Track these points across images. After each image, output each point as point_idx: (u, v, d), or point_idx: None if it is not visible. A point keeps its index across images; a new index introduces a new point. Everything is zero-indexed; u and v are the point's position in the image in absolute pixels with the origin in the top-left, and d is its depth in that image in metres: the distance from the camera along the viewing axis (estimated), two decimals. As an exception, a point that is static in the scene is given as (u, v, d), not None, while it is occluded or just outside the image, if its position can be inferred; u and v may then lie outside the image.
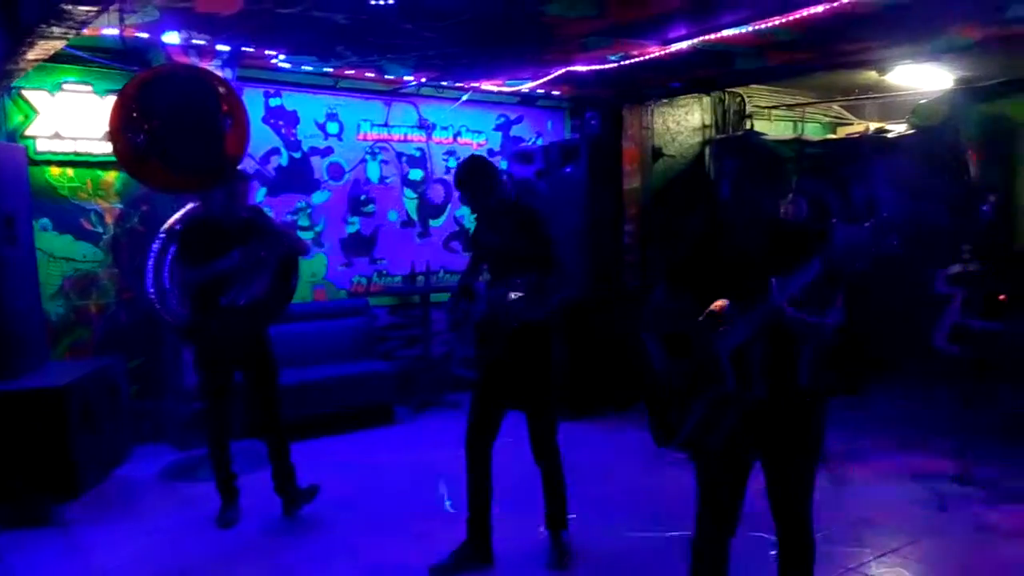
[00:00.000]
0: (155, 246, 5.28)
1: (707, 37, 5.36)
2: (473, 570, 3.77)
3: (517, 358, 3.71)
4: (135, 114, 3.64)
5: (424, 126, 7.56)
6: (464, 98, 7.44)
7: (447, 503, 4.72)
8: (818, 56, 6.10)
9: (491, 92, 7.54)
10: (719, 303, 2.48)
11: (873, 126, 8.69)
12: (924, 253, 5.82)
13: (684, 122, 8.15)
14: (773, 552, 2.72)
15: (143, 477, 5.32)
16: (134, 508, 4.77)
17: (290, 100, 6.79)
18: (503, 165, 7.79)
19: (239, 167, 4.37)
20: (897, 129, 7.69)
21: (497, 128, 8.04)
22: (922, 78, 6.97)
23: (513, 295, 3.54)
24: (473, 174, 3.83)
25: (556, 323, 3.81)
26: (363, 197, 7.26)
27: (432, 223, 7.58)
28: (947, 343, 5.46)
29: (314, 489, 4.59)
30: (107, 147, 5.78)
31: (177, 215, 5.29)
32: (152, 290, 5.20)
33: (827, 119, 9.58)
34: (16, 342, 4.71)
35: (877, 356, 6.76)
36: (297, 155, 6.87)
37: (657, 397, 2.72)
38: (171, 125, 3.67)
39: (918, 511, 4.46)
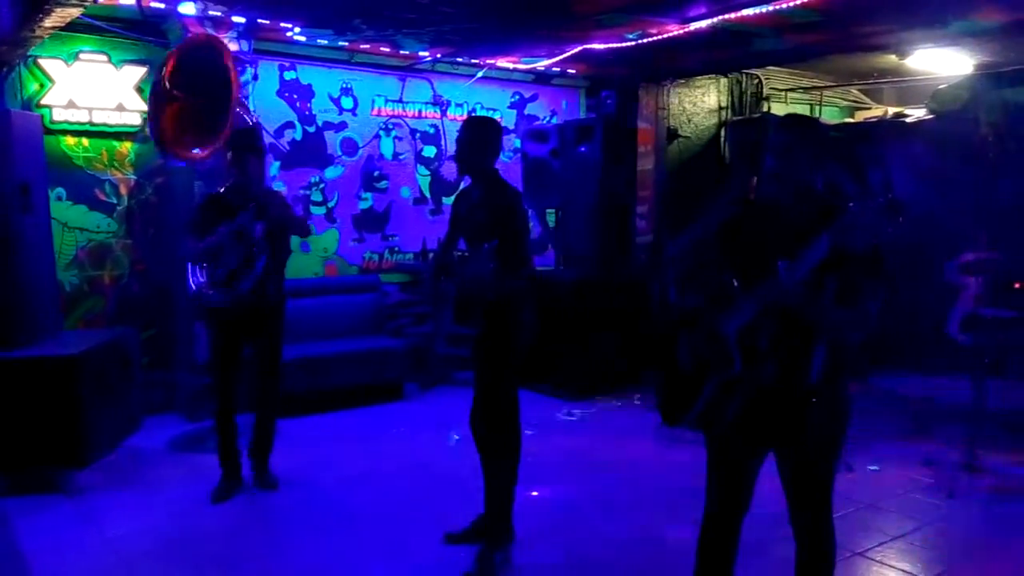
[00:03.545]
0: None
1: (726, 16, 5.30)
2: (490, 542, 3.72)
3: (485, 331, 3.64)
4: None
5: (438, 102, 7.52)
6: (479, 75, 7.40)
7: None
8: (838, 38, 6.03)
9: (506, 69, 7.49)
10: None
11: (892, 111, 8.61)
12: (940, 240, 5.80)
13: (700, 103, 8.09)
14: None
15: (153, 447, 5.36)
16: (144, 477, 4.82)
17: (305, 74, 6.76)
18: (516, 143, 7.76)
19: (259, 142, 4.38)
20: (916, 114, 7.62)
21: (512, 106, 8.00)
22: (942, 63, 6.88)
23: (483, 267, 3.42)
24: (476, 125, 3.73)
25: (527, 301, 3.65)
26: (376, 173, 7.25)
27: (445, 200, 7.57)
28: (960, 331, 5.44)
29: (275, 483, 4.62)
30: (122, 118, 5.83)
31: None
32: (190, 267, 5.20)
33: (845, 103, 9.49)
34: (30, 310, 4.73)
35: (888, 343, 6.73)
36: (311, 129, 6.85)
37: (669, 375, 2.68)
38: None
39: (926, 498, 4.46)
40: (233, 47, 5.31)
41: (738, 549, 2.69)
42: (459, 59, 7.08)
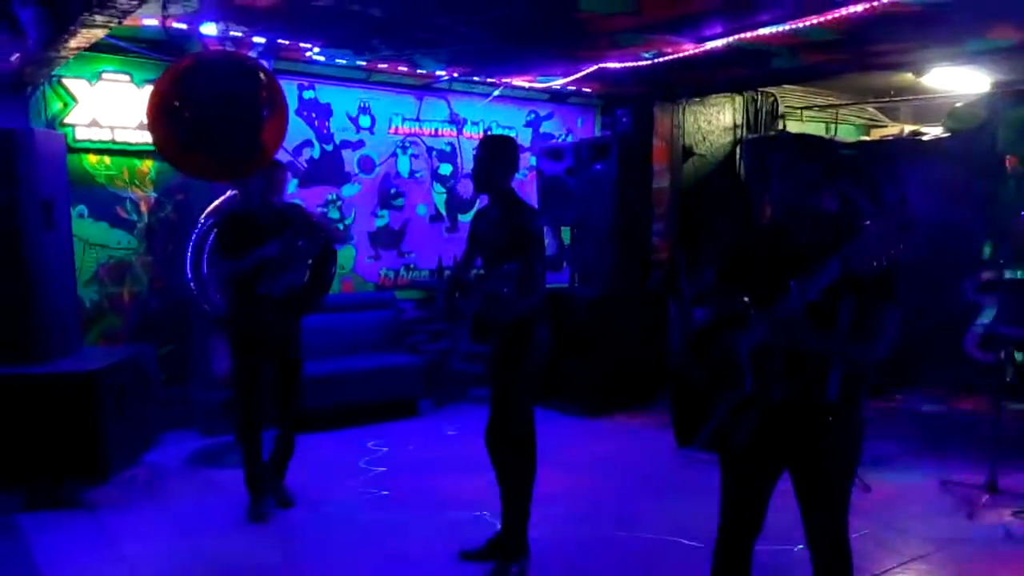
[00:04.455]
0: (195, 234, 5.34)
1: (743, 35, 5.31)
2: (505, 559, 3.74)
3: (501, 348, 3.67)
4: (176, 102, 3.65)
5: (455, 121, 7.57)
6: (495, 93, 7.45)
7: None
8: (854, 57, 6.03)
9: (522, 88, 7.53)
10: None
11: (908, 129, 8.59)
12: (957, 258, 5.78)
13: (715, 121, 8.10)
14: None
15: (171, 463, 5.40)
16: (161, 493, 4.85)
17: (323, 93, 6.83)
18: (532, 161, 7.79)
19: (275, 156, 4.37)
20: (933, 132, 7.60)
21: (527, 124, 8.04)
22: (959, 81, 6.87)
23: (501, 288, 3.46)
24: (493, 143, 3.77)
25: (542, 319, 3.68)
26: (393, 191, 7.29)
27: (461, 218, 7.61)
28: (978, 350, 5.40)
29: (292, 500, 4.62)
30: (144, 136, 5.89)
31: (217, 202, 5.34)
32: (191, 278, 5.27)
33: (860, 121, 9.48)
34: (51, 326, 4.78)
35: (907, 361, 6.69)
36: (329, 147, 6.91)
37: (682, 396, 2.69)
38: (212, 112, 3.67)
39: (946, 519, 4.41)
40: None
41: (752, 568, 2.68)
42: (476, 78, 7.12)
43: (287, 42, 5.75)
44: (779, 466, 2.58)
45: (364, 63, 6.53)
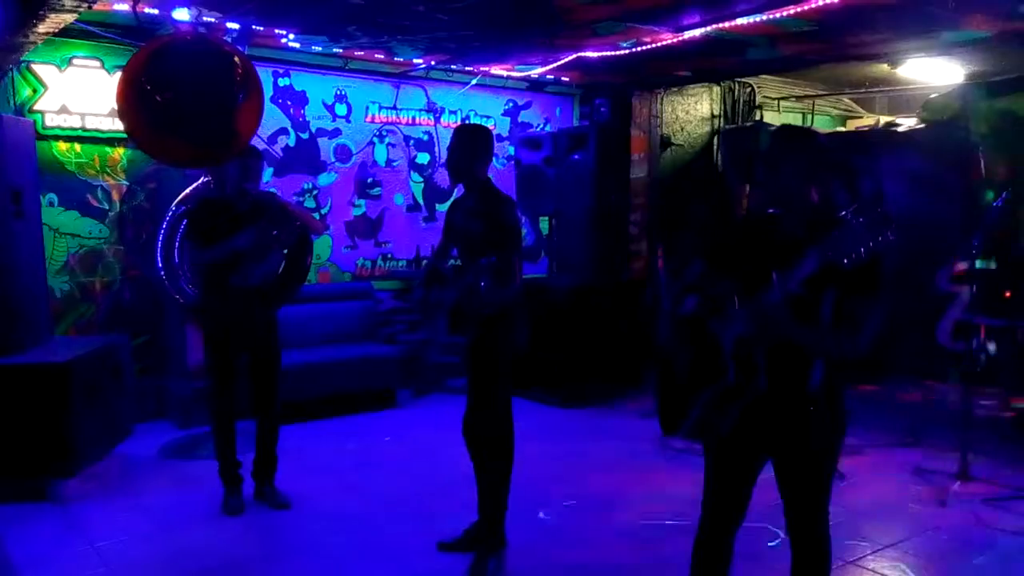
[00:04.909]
0: (165, 222, 5.26)
1: (720, 25, 5.31)
2: (483, 549, 3.73)
3: (478, 339, 3.65)
4: (148, 86, 3.57)
5: (432, 110, 7.53)
6: (473, 82, 7.41)
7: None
8: (830, 47, 6.06)
9: (500, 77, 7.50)
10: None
11: (883, 120, 8.65)
12: (930, 248, 5.82)
13: (693, 111, 8.12)
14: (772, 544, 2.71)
15: (144, 454, 5.34)
16: (134, 485, 4.79)
17: (299, 80, 6.76)
18: (510, 151, 7.77)
19: (251, 143, 4.30)
20: (907, 123, 7.67)
21: (506, 113, 8.01)
22: (933, 72, 6.93)
23: (478, 281, 3.45)
24: (466, 132, 3.73)
25: (519, 310, 3.67)
26: (370, 180, 7.24)
27: (439, 207, 7.57)
28: (951, 340, 5.46)
29: (287, 502, 4.48)
30: (115, 124, 5.80)
31: (188, 190, 5.27)
32: (161, 267, 5.20)
33: (836, 112, 9.53)
34: (20, 317, 4.70)
35: (880, 350, 6.75)
36: (305, 136, 6.85)
37: (668, 385, 2.69)
38: (184, 95, 3.60)
39: (918, 506, 4.47)
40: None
41: (732, 557, 2.69)
42: (453, 66, 7.08)
43: (262, 28, 5.67)
44: (762, 456, 2.59)
45: (340, 50, 6.47)
